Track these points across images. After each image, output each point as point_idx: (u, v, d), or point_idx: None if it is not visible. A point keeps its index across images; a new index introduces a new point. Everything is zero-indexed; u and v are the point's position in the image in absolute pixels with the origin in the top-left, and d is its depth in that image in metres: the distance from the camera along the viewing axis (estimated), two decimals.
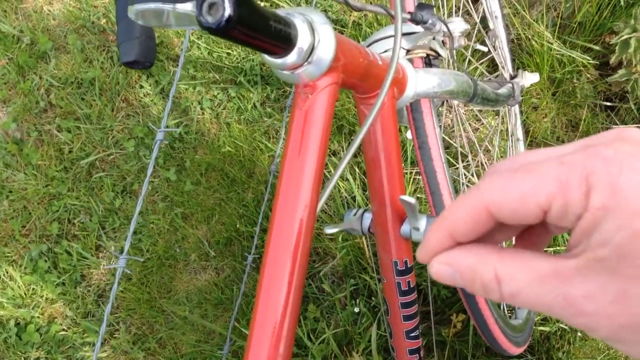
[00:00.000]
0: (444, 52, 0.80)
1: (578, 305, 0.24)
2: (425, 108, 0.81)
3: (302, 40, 0.48)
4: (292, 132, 0.55)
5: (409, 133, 1.25)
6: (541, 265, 0.25)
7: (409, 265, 0.77)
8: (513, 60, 1.58)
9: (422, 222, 0.72)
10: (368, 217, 0.77)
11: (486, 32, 1.25)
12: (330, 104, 0.56)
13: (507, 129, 1.44)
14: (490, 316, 1.02)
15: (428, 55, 0.79)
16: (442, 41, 0.81)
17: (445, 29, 0.74)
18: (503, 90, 1.03)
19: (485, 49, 0.93)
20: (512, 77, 1.23)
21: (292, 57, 0.49)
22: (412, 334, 0.82)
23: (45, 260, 1.86)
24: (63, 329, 1.79)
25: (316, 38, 0.50)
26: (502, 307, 1.20)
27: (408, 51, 0.78)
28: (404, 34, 0.77)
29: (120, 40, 0.74)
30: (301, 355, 1.45)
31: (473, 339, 1.40)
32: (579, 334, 1.39)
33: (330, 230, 0.73)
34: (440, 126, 0.85)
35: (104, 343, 1.72)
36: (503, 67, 1.29)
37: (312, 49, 0.50)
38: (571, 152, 0.25)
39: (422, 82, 0.74)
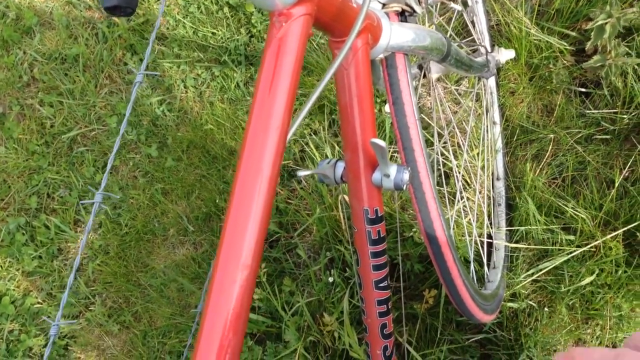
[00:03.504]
0: (419, 10, 0.82)
1: None
2: (400, 64, 0.84)
3: None
4: (265, 59, 0.56)
5: (387, 107, 1.27)
6: None
7: (379, 214, 0.79)
8: (492, 46, 1.62)
9: (393, 169, 0.74)
10: (341, 166, 0.79)
11: (465, 9, 1.29)
12: (303, 34, 0.58)
13: (484, 105, 1.47)
14: (461, 284, 1.04)
15: (404, 11, 0.81)
16: (419, 0, 0.84)
17: None
18: (478, 59, 1.05)
19: (459, 7, 0.96)
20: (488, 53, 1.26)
21: None
22: (380, 284, 0.84)
23: (23, 234, 1.86)
24: (38, 302, 1.79)
25: None
26: (472, 276, 1.23)
27: (384, 5, 0.80)
28: None
29: None
30: (275, 327, 1.47)
31: (444, 314, 1.42)
32: (545, 309, 1.42)
33: (302, 173, 0.75)
34: (415, 85, 0.87)
35: (79, 315, 1.73)
36: (481, 45, 1.32)
37: None
38: None
39: (396, 34, 0.76)
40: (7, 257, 1.84)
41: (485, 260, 1.38)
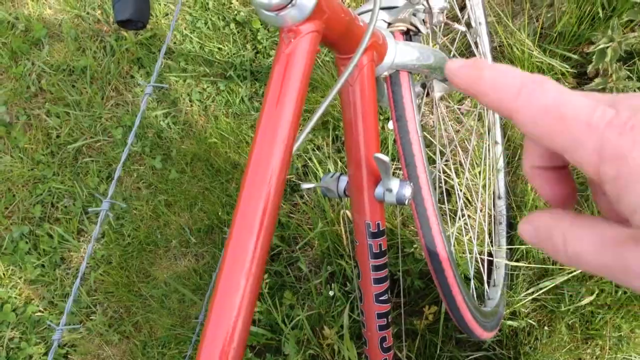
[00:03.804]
0: (424, 29, 0.84)
1: (634, 269, 0.25)
2: (404, 82, 0.85)
3: None
4: (274, 74, 0.58)
5: (390, 124, 1.29)
6: (605, 230, 0.27)
7: (381, 228, 0.81)
8: None
9: (395, 184, 0.76)
10: (344, 180, 0.81)
11: (468, 30, 1.31)
12: (311, 50, 0.59)
13: (486, 124, 1.49)
14: (461, 300, 1.05)
15: (409, 30, 0.83)
16: (423, 20, 0.86)
17: (425, 3, 0.79)
18: None
19: (462, 28, 0.98)
20: None
21: None
22: (381, 298, 0.85)
23: (26, 242, 1.87)
24: (40, 310, 1.79)
25: None
26: (472, 290, 1.23)
27: (389, 24, 0.82)
28: (385, 8, 0.82)
29: (115, 0, 0.77)
30: (275, 340, 1.48)
31: (444, 330, 1.43)
32: (545, 328, 1.42)
33: (306, 186, 0.76)
34: (418, 102, 0.89)
35: (80, 324, 1.73)
36: None
37: None
38: (601, 115, 0.25)
39: (401, 52, 0.78)
40: (10, 265, 1.85)
41: (485, 277, 1.39)
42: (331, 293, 1.42)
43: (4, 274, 1.84)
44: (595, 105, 0.26)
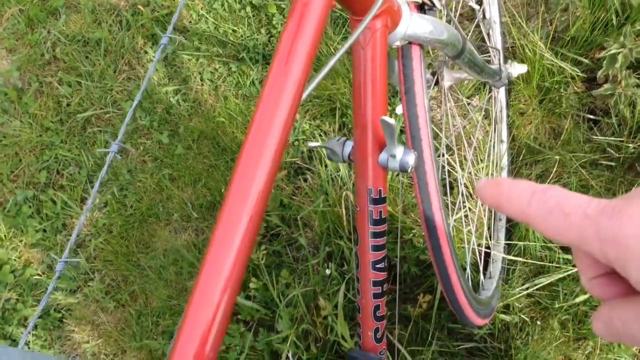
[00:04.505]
0: (439, 5, 0.85)
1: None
2: (415, 55, 0.87)
3: None
4: (289, 22, 0.60)
5: (399, 108, 1.30)
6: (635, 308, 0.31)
7: (382, 195, 0.82)
8: (506, 62, 1.65)
9: (400, 151, 0.77)
10: (349, 145, 0.82)
11: (482, 19, 1.33)
12: (327, 1, 0.61)
13: (492, 122, 1.50)
14: (456, 280, 1.06)
15: (424, 4, 0.85)
16: None
17: None
18: (491, 66, 1.08)
19: (477, 7, 0.99)
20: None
21: None
22: (378, 265, 0.87)
23: (30, 206, 1.89)
24: (38, 274, 1.81)
25: None
26: (468, 277, 1.24)
27: None
28: None
29: None
30: (269, 316, 1.49)
31: (436, 319, 1.44)
32: (538, 323, 1.43)
33: (312, 144, 0.78)
34: (426, 76, 0.90)
35: (77, 290, 1.75)
36: (494, 48, 1.36)
37: None
38: (595, 206, 0.30)
39: (415, 24, 0.80)
40: (12, 227, 1.86)
41: (481, 268, 1.40)
42: (327, 272, 1.43)
43: (5, 235, 1.86)
44: (590, 200, 0.30)
